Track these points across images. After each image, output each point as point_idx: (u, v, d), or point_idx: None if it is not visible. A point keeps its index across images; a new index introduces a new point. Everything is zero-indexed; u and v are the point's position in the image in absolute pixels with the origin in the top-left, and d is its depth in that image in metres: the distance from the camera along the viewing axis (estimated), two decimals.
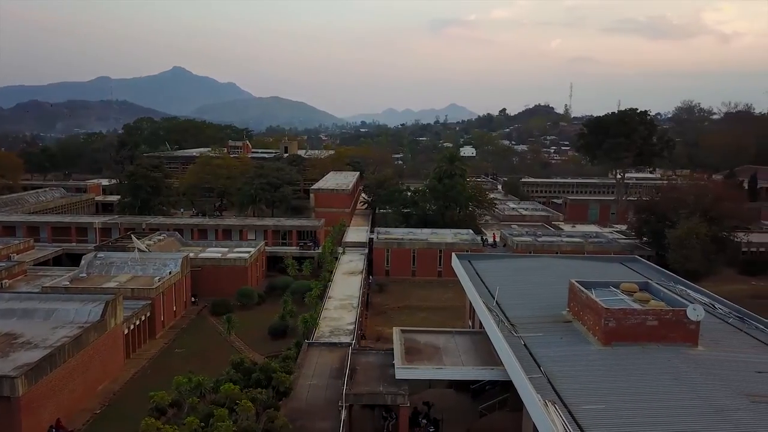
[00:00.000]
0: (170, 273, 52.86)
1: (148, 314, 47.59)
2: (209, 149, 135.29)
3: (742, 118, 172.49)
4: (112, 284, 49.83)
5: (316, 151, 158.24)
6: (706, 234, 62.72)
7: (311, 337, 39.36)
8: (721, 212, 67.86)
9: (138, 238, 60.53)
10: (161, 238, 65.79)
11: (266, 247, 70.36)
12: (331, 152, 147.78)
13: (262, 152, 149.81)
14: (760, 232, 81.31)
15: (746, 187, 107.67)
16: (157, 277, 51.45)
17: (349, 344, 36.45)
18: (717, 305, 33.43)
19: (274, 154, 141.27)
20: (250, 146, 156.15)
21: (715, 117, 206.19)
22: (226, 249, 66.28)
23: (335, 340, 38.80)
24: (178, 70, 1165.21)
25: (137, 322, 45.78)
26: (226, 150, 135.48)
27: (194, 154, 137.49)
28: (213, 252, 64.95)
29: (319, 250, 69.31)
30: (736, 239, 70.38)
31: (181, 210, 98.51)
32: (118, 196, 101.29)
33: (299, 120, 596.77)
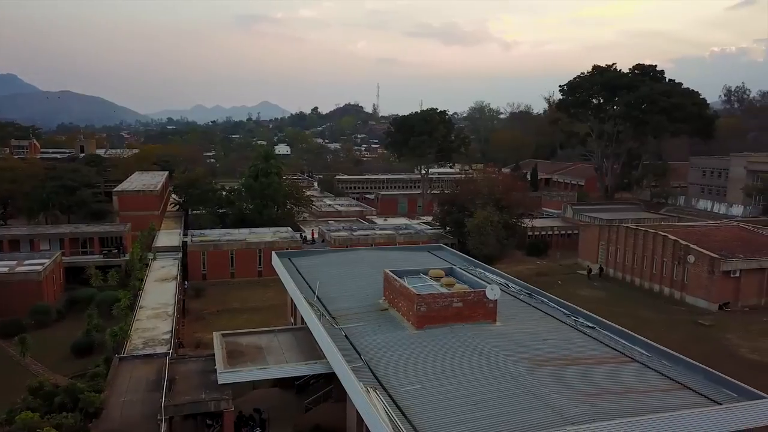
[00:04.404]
0: None
1: None
2: None
3: (523, 118, 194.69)
4: None
5: (118, 150, 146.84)
6: (499, 221, 70.38)
7: (122, 351, 36.75)
8: (510, 201, 76.64)
9: None
10: None
11: (64, 258, 63.76)
12: (136, 151, 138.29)
13: (53, 152, 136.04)
14: (542, 217, 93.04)
15: (529, 179, 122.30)
16: None
17: (166, 354, 34.77)
18: (510, 284, 37.80)
19: (68, 154, 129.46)
20: (39, 146, 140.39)
21: (502, 116, 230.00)
22: (14, 262, 58.72)
23: (150, 351, 36.66)
24: None
25: None
26: (8, 150, 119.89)
27: None
28: None
29: (127, 257, 64.60)
30: (522, 225, 79.75)
31: None
32: None
33: (96, 116, 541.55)
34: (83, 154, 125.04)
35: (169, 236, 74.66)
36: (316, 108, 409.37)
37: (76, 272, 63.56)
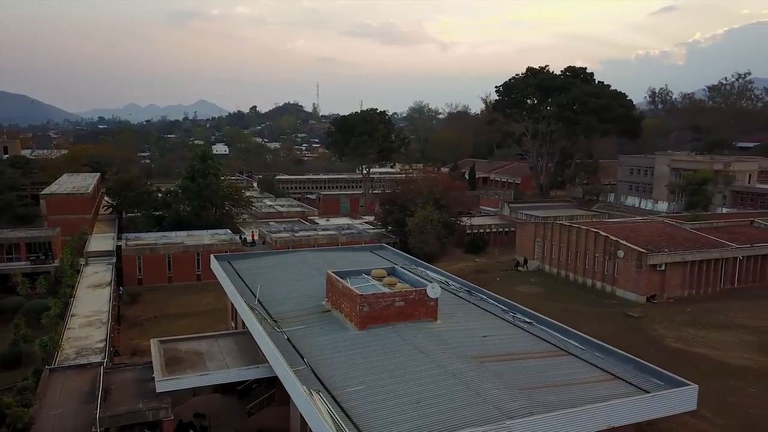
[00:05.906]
0: None
1: None
2: None
3: (461, 118, 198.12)
4: None
5: (46, 151, 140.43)
6: (439, 220, 71.55)
7: (53, 362, 35.29)
8: (449, 200, 78.13)
9: None
10: None
11: None
12: (65, 152, 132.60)
13: None
14: (480, 216, 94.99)
15: (467, 178, 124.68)
16: None
17: (101, 363, 33.58)
18: (450, 282, 38.50)
19: None
20: None
21: (440, 116, 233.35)
22: None
23: (83, 361, 35.36)
24: None
25: None
26: None
27: None
28: None
29: (56, 263, 61.84)
30: (461, 223, 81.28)
31: None
32: None
33: (20, 115, 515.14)
34: (7, 155, 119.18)
35: (101, 240, 72.03)
36: (254, 107, 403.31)
37: (0, 280, 60.38)
